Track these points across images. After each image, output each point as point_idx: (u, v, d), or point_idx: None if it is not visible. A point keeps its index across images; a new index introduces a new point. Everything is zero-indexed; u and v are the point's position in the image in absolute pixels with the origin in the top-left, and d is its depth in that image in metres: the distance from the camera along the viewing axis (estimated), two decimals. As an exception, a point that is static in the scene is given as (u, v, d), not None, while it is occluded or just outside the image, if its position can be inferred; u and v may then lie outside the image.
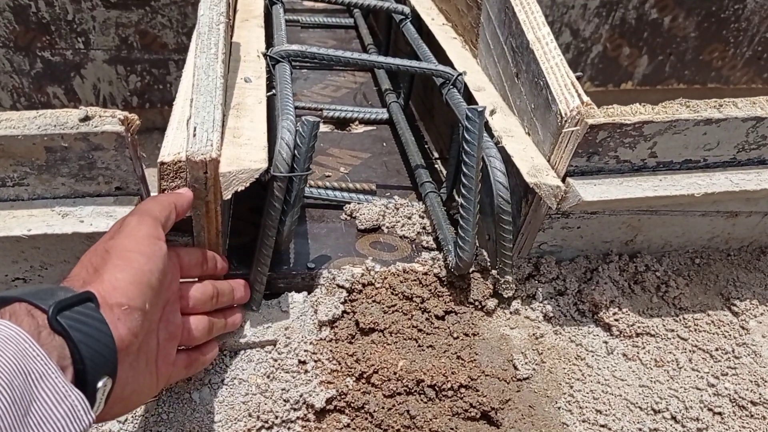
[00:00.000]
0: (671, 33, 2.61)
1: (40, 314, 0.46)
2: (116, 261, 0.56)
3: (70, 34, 2.23)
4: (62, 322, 0.46)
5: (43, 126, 0.62)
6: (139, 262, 0.57)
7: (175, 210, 0.66)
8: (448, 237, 0.90)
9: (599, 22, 2.52)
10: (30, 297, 0.47)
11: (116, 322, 0.52)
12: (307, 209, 1.02)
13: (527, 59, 0.83)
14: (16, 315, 0.46)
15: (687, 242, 0.92)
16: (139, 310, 0.55)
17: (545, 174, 0.76)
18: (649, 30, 2.59)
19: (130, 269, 0.56)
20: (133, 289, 0.55)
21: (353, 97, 1.48)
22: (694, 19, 2.57)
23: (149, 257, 0.58)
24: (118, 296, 0.53)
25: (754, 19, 2.65)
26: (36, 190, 0.67)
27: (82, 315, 0.48)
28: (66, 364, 0.46)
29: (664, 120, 0.72)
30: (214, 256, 0.77)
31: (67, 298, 0.48)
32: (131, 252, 0.57)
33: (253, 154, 0.72)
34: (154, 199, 0.65)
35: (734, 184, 0.76)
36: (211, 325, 0.73)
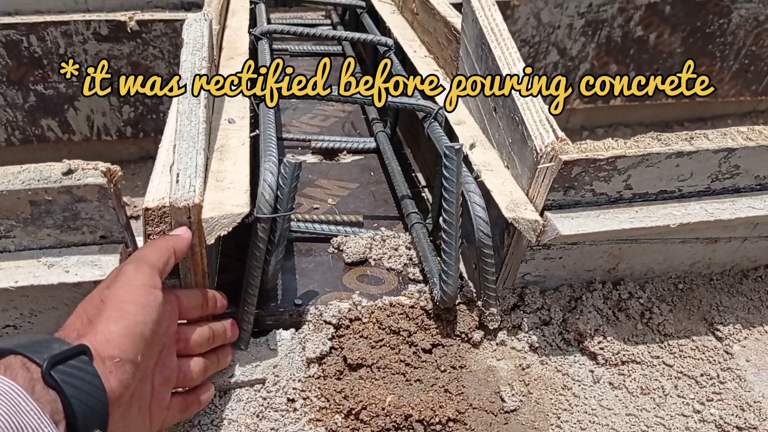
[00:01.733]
0: (657, 49, 2.64)
1: (34, 368, 0.47)
2: (110, 312, 0.57)
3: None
4: (56, 376, 0.47)
5: (27, 180, 0.63)
6: (133, 313, 0.58)
7: (174, 254, 0.67)
8: (433, 269, 0.91)
9: (585, 40, 2.55)
10: (25, 350, 0.48)
11: (108, 374, 0.53)
12: (294, 243, 1.03)
13: (504, 94, 0.85)
14: (11, 368, 0.47)
15: (669, 268, 0.94)
16: (131, 362, 0.56)
17: (523, 208, 0.78)
18: (636, 47, 2.61)
19: (123, 321, 0.57)
20: (126, 342, 0.56)
21: (342, 126, 1.49)
22: (680, 35, 2.60)
23: (144, 307, 0.59)
24: (111, 349, 0.54)
25: (740, 33, 2.68)
26: (22, 242, 0.68)
27: (75, 369, 0.49)
28: (59, 418, 0.47)
29: (637, 154, 0.73)
30: (214, 295, 0.78)
31: (62, 351, 0.49)
32: (126, 303, 0.58)
33: (236, 198, 0.73)
34: (152, 244, 0.66)
35: (709, 214, 0.78)
36: (206, 366, 0.74)
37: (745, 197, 0.81)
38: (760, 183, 0.82)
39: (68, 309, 0.77)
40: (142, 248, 0.66)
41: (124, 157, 2.76)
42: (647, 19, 2.53)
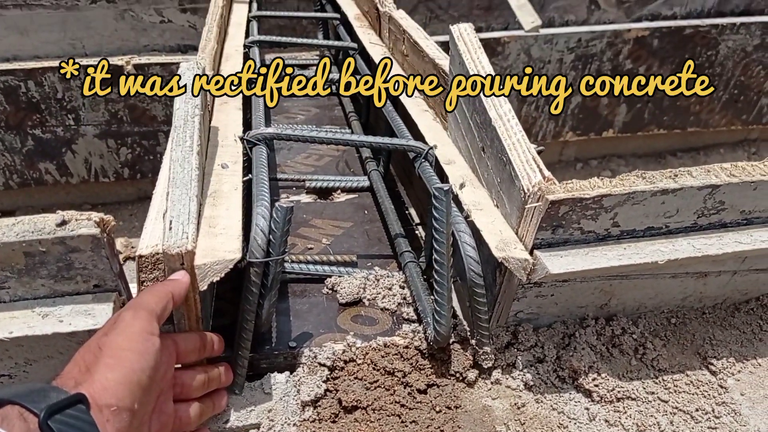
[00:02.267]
0: (647, 81, 2.69)
1: (32, 418, 0.48)
2: (107, 360, 0.57)
3: (60, 112, 2.29)
4: (53, 426, 0.47)
5: (22, 232, 0.64)
6: (130, 360, 0.58)
7: (172, 299, 0.67)
8: (426, 309, 0.92)
9: (576, 74, 2.60)
10: (22, 399, 0.48)
11: (105, 423, 0.53)
12: (289, 284, 1.04)
13: (491, 135, 0.87)
14: (8, 419, 0.47)
15: (661, 303, 0.94)
16: (128, 410, 0.56)
17: (513, 248, 0.79)
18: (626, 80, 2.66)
19: (120, 369, 0.57)
20: (123, 390, 0.56)
21: (336, 165, 1.51)
22: (669, 67, 2.65)
23: (141, 355, 0.60)
24: (108, 397, 0.54)
25: (728, 64, 2.73)
26: (17, 292, 0.69)
27: (72, 418, 0.49)
28: None
29: (622, 192, 0.74)
30: (211, 338, 0.78)
31: (59, 401, 0.49)
32: (123, 350, 0.59)
33: (228, 243, 0.74)
34: (150, 290, 0.67)
35: (696, 250, 0.79)
36: (202, 411, 0.74)
37: (731, 232, 0.82)
38: (746, 218, 0.83)
39: (63, 357, 0.77)
40: (141, 294, 0.67)
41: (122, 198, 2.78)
42: (636, 52, 2.59)
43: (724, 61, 2.70)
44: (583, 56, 2.55)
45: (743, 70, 2.75)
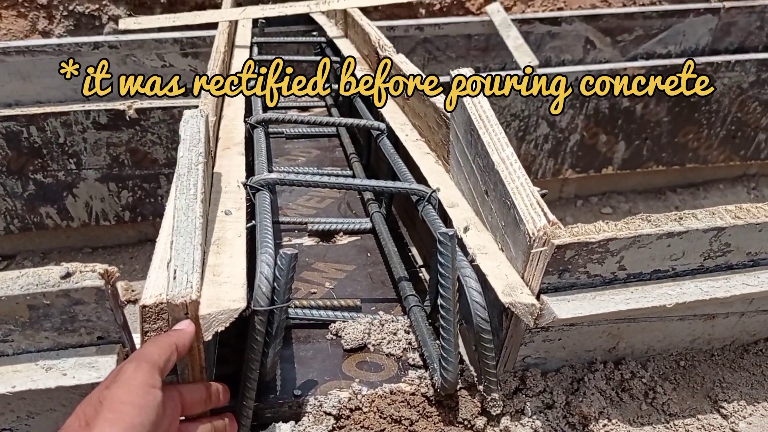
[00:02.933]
0: (645, 119, 2.71)
1: None
2: (107, 414, 0.56)
3: (61, 156, 2.30)
4: None
5: (26, 285, 0.64)
6: (130, 415, 0.57)
7: (176, 350, 0.66)
8: (433, 355, 0.91)
9: (574, 113, 2.62)
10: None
11: None
12: (293, 330, 1.03)
13: (494, 179, 0.87)
14: None
15: (670, 345, 0.93)
16: None
17: (520, 292, 0.78)
18: (623, 117, 2.69)
19: (120, 424, 0.56)
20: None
21: (338, 207, 1.51)
22: (665, 104, 2.67)
23: (141, 408, 0.59)
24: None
25: (724, 100, 2.75)
26: (20, 345, 0.68)
27: None
28: None
29: (628, 236, 0.74)
30: (217, 389, 0.77)
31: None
32: (123, 404, 0.58)
33: (232, 293, 0.74)
34: (154, 341, 0.66)
35: (704, 293, 0.78)
36: None
37: (738, 274, 0.82)
38: (752, 259, 0.83)
39: (66, 410, 0.76)
40: (144, 345, 0.66)
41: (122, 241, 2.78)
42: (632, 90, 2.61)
43: (720, 97, 2.73)
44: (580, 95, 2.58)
45: (740, 107, 2.77)
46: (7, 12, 3.08)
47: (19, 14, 3.11)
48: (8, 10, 3.05)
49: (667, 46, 3.10)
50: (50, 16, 3.14)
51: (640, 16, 3.00)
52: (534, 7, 3.43)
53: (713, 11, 3.11)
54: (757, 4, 3.18)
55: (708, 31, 3.14)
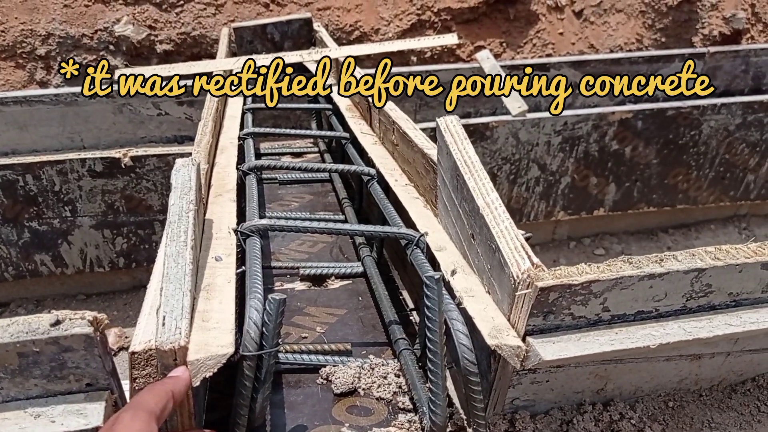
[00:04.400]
0: (634, 161, 2.75)
1: None
2: None
3: (57, 204, 2.32)
4: None
5: (16, 333, 0.65)
6: None
7: (172, 398, 0.67)
8: (422, 398, 0.91)
9: (564, 156, 2.66)
10: None
11: None
12: (283, 375, 1.03)
13: (479, 223, 0.89)
14: None
15: (657, 386, 0.94)
16: None
17: (506, 334, 0.79)
18: (613, 160, 2.73)
19: None
20: None
21: (329, 252, 1.52)
22: (654, 147, 2.72)
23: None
24: None
25: (712, 142, 2.80)
26: (9, 393, 0.69)
27: None
28: None
29: (610, 278, 0.75)
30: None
31: None
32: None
33: (221, 338, 0.74)
34: (150, 389, 0.67)
35: (687, 333, 0.79)
36: None
37: (721, 314, 0.83)
38: (735, 300, 0.84)
39: (53, 459, 0.76)
40: (140, 393, 0.66)
41: (116, 288, 2.78)
42: (621, 134, 2.66)
43: (707, 140, 2.77)
44: (570, 138, 2.62)
45: (727, 149, 2.82)
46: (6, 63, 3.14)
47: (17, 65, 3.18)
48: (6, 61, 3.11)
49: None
50: (48, 66, 3.20)
51: (626, 62, 3.07)
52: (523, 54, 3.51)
53: (698, 56, 3.18)
54: (741, 49, 3.26)
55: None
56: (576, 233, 3.03)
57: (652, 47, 3.62)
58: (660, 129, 2.70)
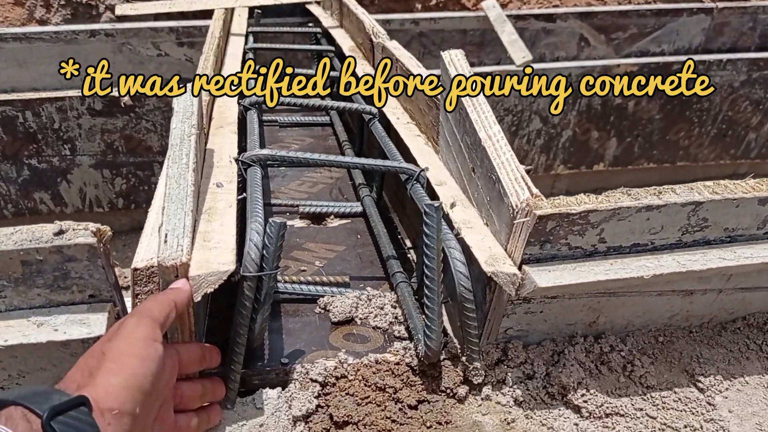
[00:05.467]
0: (636, 116, 2.73)
1: (34, 419, 0.48)
2: (110, 365, 0.58)
3: (56, 142, 2.31)
4: (55, 427, 0.48)
5: (20, 241, 0.66)
6: (132, 366, 0.59)
7: (175, 307, 0.68)
8: (418, 326, 0.93)
9: (567, 108, 2.64)
10: (26, 401, 0.49)
11: (106, 426, 0.53)
12: (281, 304, 1.05)
13: (481, 155, 0.89)
14: (12, 419, 0.47)
15: (649, 321, 0.95)
16: (130, 414, 0.56)
17: (502, 263, 0.80)
18: (615, 114, 2.71)
19: (123, 374, 0.57)
20: (125, 394, 0.56)
21: (329, 192, 1.53)
22: (657, 102, 2.70)
23: (143, 360, 0.60)
24: (110, 401, 0.55)
25: (715, 99, 2.78)
26: (13, 302, 0.70)
27: (74, 420, 0.49)
28: None
29: (608, 208, 0.76)
30: (211, 350, 0.79)
31: (62, 402, 0.50)
32: (126, 356, 0.59)
33: (222, 256, 0.75)
34: (153, 298, 0.68)
35: (681, 265, 0.80)
36: (197, 423, 0.75)
37: (715, 249, 0.84)
38: (730, 235, 0.85)
39: (56, 370, 0.78)
40: (144, 302, 0.67)
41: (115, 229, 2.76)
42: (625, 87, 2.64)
43: (712, 96, 2.75)
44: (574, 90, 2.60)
45: (731, 106, 2.80)
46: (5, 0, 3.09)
47: (17, 2, 3.12)
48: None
49: (661, 44, 3.13)
50: (47, 5, 3.15)
51: (634, 15, 3.03)
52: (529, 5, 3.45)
53: (706, 11, 3.14)
54: (749, 5, 3.21)
55: (701, 30, 3.17)
56: (575, 188, 3.03)
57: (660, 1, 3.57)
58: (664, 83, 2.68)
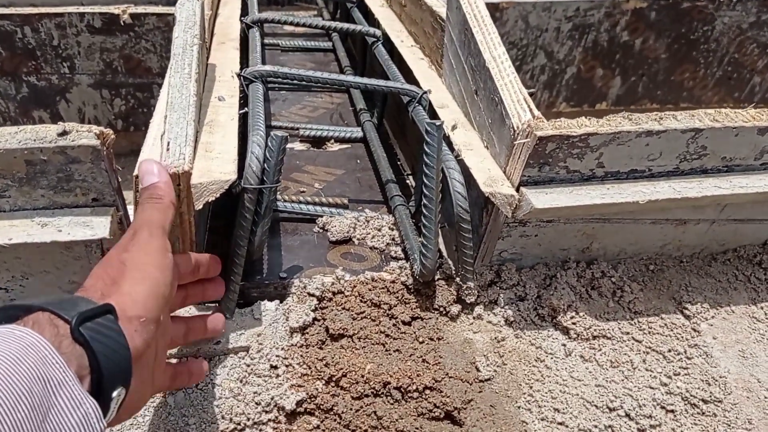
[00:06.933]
0: (643, 54, 2.69)
1: (62, 324, 0.48)
2: (134, 274, 0.58)
3: (55, 59, 2.28)
4: (84, 333, 0.48)
5: (24, 140, 0.66)
6: (155, 275, 0.59)
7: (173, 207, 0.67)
8: (414, 246, 0.94)
9: (572, 44, 2.59)
10: (53, 307, 0.48)
11: (133, 333, 0.54)
12: (281, 223, 1.06)
13: (484, 77, 0.88)
14: (39, 324, 0.47)
15: (641, 249, 0.97)
16: (154, 321, 0.57)
17: (500, 184, 0.81)
18: (621, 52, 2.66)
19: (148, 283, 0.58)
20: (151, 302, 0.57)
21: (330, 117, 1.53)
22: (665, 40, 2.65)
23: (163, 270, 0.61)
24: (137, 309, 0.55)
25: (723, 40, 2.73)
26: (17, 202, 0.71)
27: (102, 327, 0.50)
28: (85, 373, 0.47)
29: (608, 132, 0.77)
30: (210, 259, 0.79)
31: (89, 309, 0.50)
32: (147, 265, 0.60)
33: (224, 166, 0.76)
34: (151, 207, 0.66)
35: (676, 192, 0.81)
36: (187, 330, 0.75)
37: (711, 178, 0.85)
38: (727, 165, 0.86)
39: (59, 273, 0.80)
40: (146, 210, 0.65)
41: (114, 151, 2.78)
42: (633, 24, 2.59)
43: (719, 37, 2.70)
44: (581, 26, 2.55)
45: (738, 48, 2.75)
46: None
47: None
48: None
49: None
50: None
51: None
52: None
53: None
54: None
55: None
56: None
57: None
58: (673, 22, 2.62)
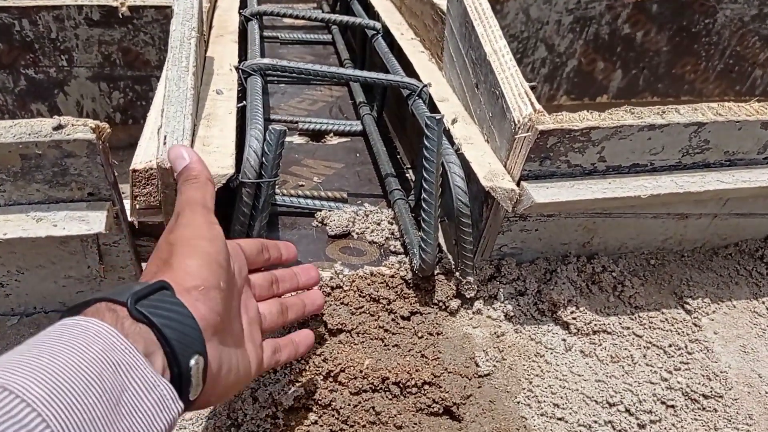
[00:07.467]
0: (644, 47, 2.68)
1: (119, 308, 0.48)
2: (182, 249, 0.57)
3: (53, 52, 2.26)
4: (142, 310, 0.48)
5: (19, 134, 0.65)
6: (203, 246, 0.58)
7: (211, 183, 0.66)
8: (413, 241, 0.94)
9: (573, 37, 2.58)
10: (108, 295, 0.49)
11: (195, 303, 0.53)
12: (279, 217, 1.05)
13: (485, 70, 0.88)
14: (99, 312, 0.47)
15: (642, 244, 0.96)
16: (216, 288, 0.56)
17: (501, 178, 0.80)
18: (623, 45, 2.65)
19: (197, 254, 0.57)
20: (205, 270, 0.56)
21: (329, 111, 1.52)
22: (666, 33, 2.64)
23: (211, 241, 0.59)
24: (192, 280, 0.54)
25: (725, 33, 2.72)
26: (12, 196, 0.70)
27: (159, 301, 0.50)
28: (154, 348, 0.47)
29: (610, 126, 0.76)
30: (276, 245, 0.77)
31: (142, 288, 0.49)
32: (193, 239, 0.58)
33: (221, 160, 0.75)
34: (189, 186, 0.64)
35: (679, 186, 0.81)
36: (283, 308, 0.73)
37: (714, 172, 0.84)
38: (729, 159, 0.85)
39: (55, 267, 0.79)
40: (183, 193, 0.64)
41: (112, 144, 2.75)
42: (634, 17, 2.57)
43: (721, 29, 2.69)
44: (582, 18, 2.54)
45: (739, 40, 2.74)
46: None
47: None
48: None
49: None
50: None
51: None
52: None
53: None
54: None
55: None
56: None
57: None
58: (675, 14, 2.61)
